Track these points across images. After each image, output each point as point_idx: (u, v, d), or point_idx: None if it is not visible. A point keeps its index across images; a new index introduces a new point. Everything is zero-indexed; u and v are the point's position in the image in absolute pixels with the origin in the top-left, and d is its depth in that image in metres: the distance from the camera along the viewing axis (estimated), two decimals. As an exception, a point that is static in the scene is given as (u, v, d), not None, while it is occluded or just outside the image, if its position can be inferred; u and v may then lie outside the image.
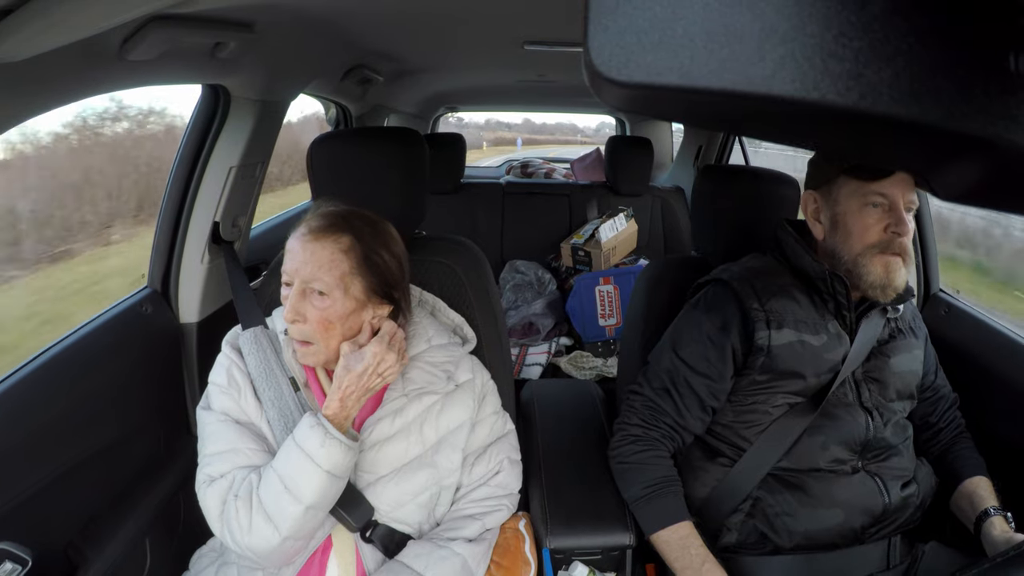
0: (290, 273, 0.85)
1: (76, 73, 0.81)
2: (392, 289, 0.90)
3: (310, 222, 0.87)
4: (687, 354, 1.00)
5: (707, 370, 0.98)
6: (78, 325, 1.06)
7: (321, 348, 0.86)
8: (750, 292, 0.98)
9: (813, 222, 1.00)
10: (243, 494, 0.81)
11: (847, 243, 0.95)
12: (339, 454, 0.80)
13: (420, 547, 0.89)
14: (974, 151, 0.23)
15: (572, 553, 1.04)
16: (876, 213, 0.92)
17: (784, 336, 0.95)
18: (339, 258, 0.84)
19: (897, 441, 0.98)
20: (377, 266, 0.87)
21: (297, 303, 0.84)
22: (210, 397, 0.90)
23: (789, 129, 0.28)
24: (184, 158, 1.24)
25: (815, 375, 0.95)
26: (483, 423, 0.99)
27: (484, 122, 13.02)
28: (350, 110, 2.25)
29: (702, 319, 1.00)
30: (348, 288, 0.85)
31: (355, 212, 0.89)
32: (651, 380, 1.03)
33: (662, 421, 1.00)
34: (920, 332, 1.06)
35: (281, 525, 0.79)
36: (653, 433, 1.00)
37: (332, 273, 0.84)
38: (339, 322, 0.85)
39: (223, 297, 1.31)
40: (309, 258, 0.84)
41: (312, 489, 0.79)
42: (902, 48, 0.20)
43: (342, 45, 1.48)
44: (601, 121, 6.96)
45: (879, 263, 0.92)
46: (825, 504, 0.93)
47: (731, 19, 0.20)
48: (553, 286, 2.28)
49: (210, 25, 0.94)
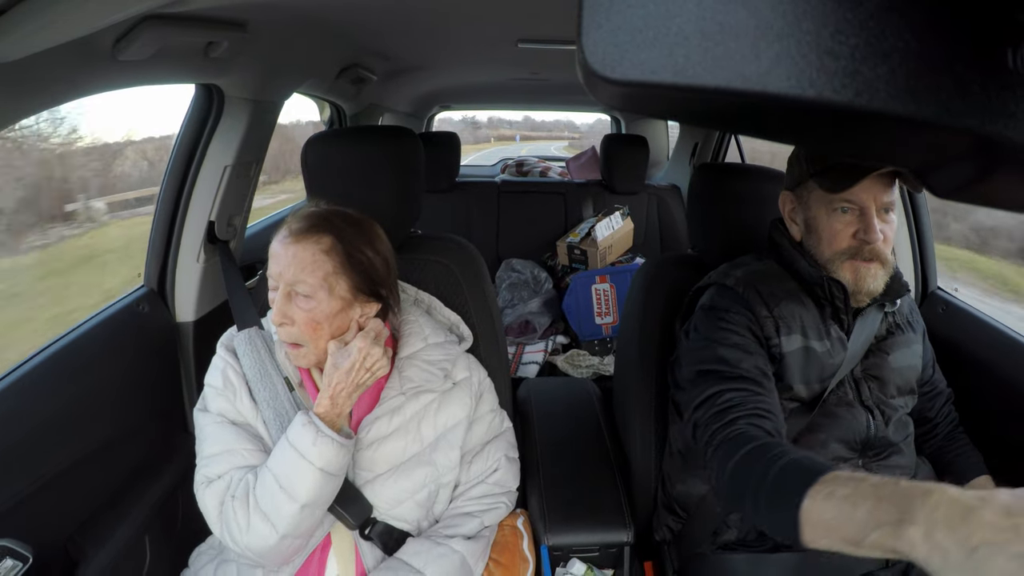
0: (275, 277, 0.85)
1: (69, 74, 0.81)
2: (378, 287, 0.90)
3: (291, 224, 0.86)
4: (733, 341, 0.90)
5: (756, 348, 0.90)
6: (75, 324, 1.05)
7: (311, 349, 0.86)
8: (757, 298, 0.94)
9: (790, 222, 0.99)
10: (240, 494, 0.81)
11: (818, 248, 0.93)
12: (332, 452, 0.80)
13: (419, 544, 0.89)
14: (971, 148, 0.23)
15: (570, 550, 1.04)
16: (845, 219, 0.90)
17: (793, 342, 0.93)
18: (321, 259, 0.84)
19: (898, 439, 0.97)
20: (361, 264, 0.87)
21: (283, 306, 0.84)
22: (206, 399, 0.90)
23: (785, 127, 0.27)
24: (179, 157, 1.23)
25: (818, 380, 0.93)
26: (480, 421, 0.99)
27: (487, 120, 13.25)
28: (344, 109, 2.25)
29: (725, 314, 0.94)
30: (333, 288, 0.85)
31: (337, 211, 0.89)
32: (708, 384, 0.88)
33: (752, 407, 0.83)
34: (918, 326, 1.05)
35: (278, 524, 0.79)
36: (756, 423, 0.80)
37: (315, 274, 0.84)
38: (326, 322, 0.85)
39: (219, 296, 1.32)
40: (291, 260, 0.83)
41: (307, 487, 0.79)
42: (898, 45, 0.20)
43: (335, 44, 1.48)
44: (597, 118, 6.98)
45: (848, 269, 0.91)
46: None
47: (726, 16, 0.20)
48: (549, 284, 2.28)
49: (203, 24, 0.93)
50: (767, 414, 0.82)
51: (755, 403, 0.83)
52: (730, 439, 0.79)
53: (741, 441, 0.77)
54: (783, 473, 0.68)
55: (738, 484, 0.74)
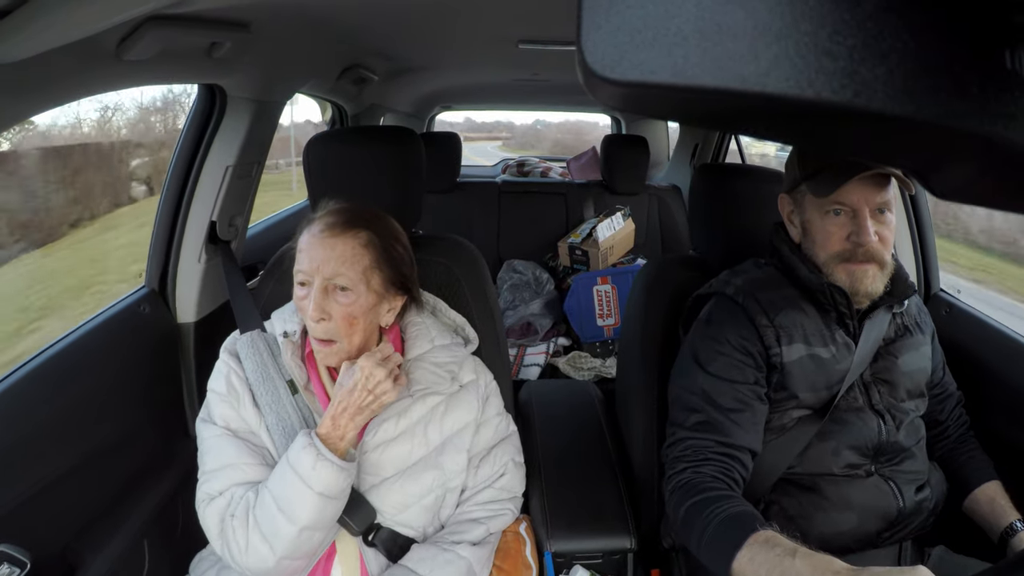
0: (308, 272, 0.84)
1: (73, 73, 0.81)
2: (408, 281, 0.91)
3: (326, 219, 0.86)
4: (718, 367, 0.93)
5: (744, 376, 0.92)
6: (75, 326, 1.05)
7: (344, 345, 0.86)
8: (756, 307, 0.94)
9: (789, 225, 0.99)
10: (240, 513, 0.81)
11: (814, 250, 0.93)
12: (331, 476, 0.78)
13: (424, 551, 0.88)
14: (970, 149, 0.23)
15: (573, 557, 1.03)
16: (838, 221, 0.90)
17: (795, 351, 0.92)
18: (360, 252, 0.85)
19: (910, 443, 0.96)
20: (394, 259, 0.88)
21: (321, 301, 0.83)
22: (210, 406, 0.90)
23: (784, 127, 0.27)
24: (181, 157, 1.24)
25: (827, 387, 0.93)
26: (487, 424, 0.98)
27: (495, 122, 13.58)
28: (346, 109, 2.25)
29: (720, 332, 0.96)
30: (369, 282, 0.86)
31: (366, 208, 0.90)
32: (683, 417, 0.94)
33: (710, 453, 0.90)
34: (927, 328, 1.04)
35: (276, 546, 0.79)
36: (704, 471, 0.88)
37: (355, 268, 0.84)
38: (362, 317, 0.86)
39: (220, 297, 1.31)
40: (330, 254, 0.83)
41: (306, 510, 0.78)
42: (896, 45, 0.20)
43: (337, 45, 1.48)
44: (536, 119, 7.06)
45: (843, 272, 0.91)
46: (839, 508, 0.91)
47: (724, 17, 0.20)
48: (551, 286, 2.27)
49: (206, 25, 0.94)
50: (723, 458, 0.89)
51: (716, 449, 0.90)
52: (681, 487, 0.88)
53: (688, 491, 0.86)
54: (716, 530, 0.80)
55: (686, 530, 0.85)
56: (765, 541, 0.74)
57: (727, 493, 0.85)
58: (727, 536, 0.77)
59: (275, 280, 1.15)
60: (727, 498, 0.83)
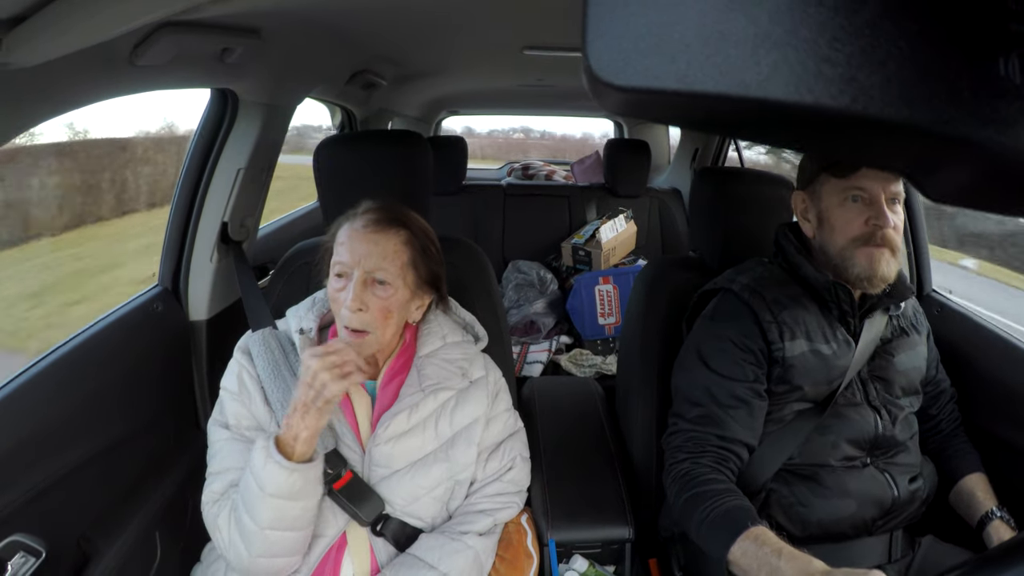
0: (348, 264, 0.86)
1: (88, 78, 0.83)
2: (439, 280, 0.94)
3: (368, 215, 0.90)
4: (719, 364, 0.97)
5: (743, 374, 0.96)
6: (90, 322, 1.07)
7: (376, 337, 0.88)
8: (761, 303, 0.97)
9: (803, 220, 1.02)
10: (225, 512, 0.84)
11: (832, 238, 0.96)
12: (280, 477, 0.77)
13: (433, 540, 0.90)
14: (964, 154, 0.24)
15: (573, 546, 1.05)
16: (856, 207, 0.93)
17: (798, 347, 0.95)
18: (401, 249, 0.88)
19: (905, 438, 0.99)
20: (429, 258, 0.92)
21: (360, 292, 0.85)
22: (222, 403, 0.92)
23: (783, 132, 0.28)
24: (194, 160, 1.25)
25: (827, 382, 0.96)
26: (497, 419, 1.00)
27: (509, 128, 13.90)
28: (355, 113, 2.27)
29: (723, 328, 0.99)
30: (406, 278, 0.89)
31: (401, 206, 0.94)
32: (685, 409, 0.98)
33: (708, 445, 0.94)
34: (922, 328, 1.07)
35: (248, 543, 0.81)
36: (703, 461, 0.93)
37: (395, 263, 0.87)
38: (397, 311, 0.88)
39: (232, 295, 1.33)
40: (372, 249, 0.86)
41: (263, 512, 0.78)
42: (893, 52, 0.20)
43: (346, 50, 1.50)
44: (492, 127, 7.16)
45: (862, 255, 0.93)
46: (839, 494, 0.94)
47: (726, 25, 0.21)
48: (554, 286, 2.29)
49: (218, 31, 0.95)
50: (720, 450, 0.94)
51: (714, 442, 0.94)
52: (681, 476, 0.93)
53: (688, 482, 0.92)
54: (712, 524, 0.86)
55: (685, 518, 0.91)
56: (755, 538, 0.80)
57: (724, 486, 0.90)
58: (721, 532, 0.84)
59: (284, 280, 1.17)
60: (724, 492, 0.89)
